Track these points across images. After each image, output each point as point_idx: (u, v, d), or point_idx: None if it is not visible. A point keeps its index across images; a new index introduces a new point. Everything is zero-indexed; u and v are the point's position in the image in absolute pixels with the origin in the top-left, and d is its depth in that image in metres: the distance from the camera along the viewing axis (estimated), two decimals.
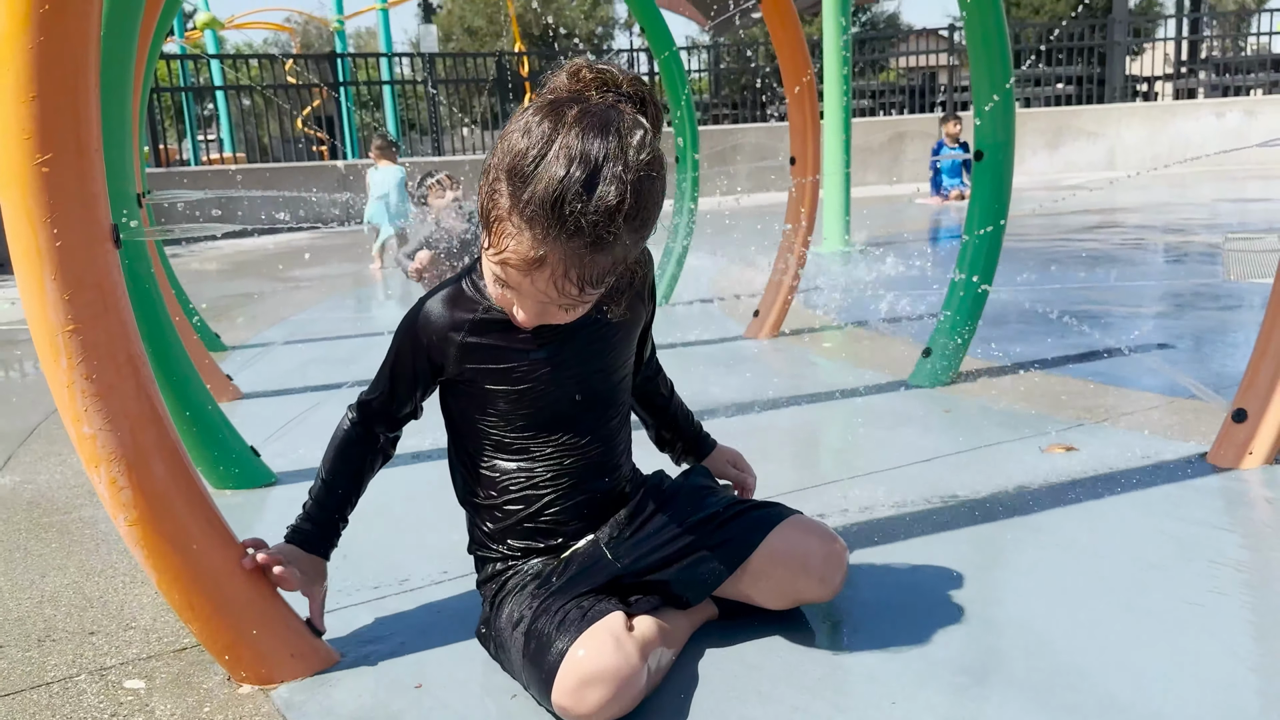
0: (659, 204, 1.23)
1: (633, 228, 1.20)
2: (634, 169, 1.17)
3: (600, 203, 1.15)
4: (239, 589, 1.43)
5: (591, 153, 1.16)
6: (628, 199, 1.16)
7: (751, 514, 1.53)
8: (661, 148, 1.23)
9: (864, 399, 2.95)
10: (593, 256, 1.19)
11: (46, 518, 2.27)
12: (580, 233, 1.16)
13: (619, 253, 1.21)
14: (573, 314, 1.32)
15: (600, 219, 1.15)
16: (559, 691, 1.29)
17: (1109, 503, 2.04)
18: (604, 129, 1.17)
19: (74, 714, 1.43)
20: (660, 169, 1.22)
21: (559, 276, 1.21)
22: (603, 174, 1.15)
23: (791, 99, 3.59)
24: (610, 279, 1.26)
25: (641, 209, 1.19)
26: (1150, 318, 4.11)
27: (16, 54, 1.22)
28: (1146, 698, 1.33)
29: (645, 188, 1.19)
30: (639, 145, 1.18)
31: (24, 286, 1.30)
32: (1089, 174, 13.00)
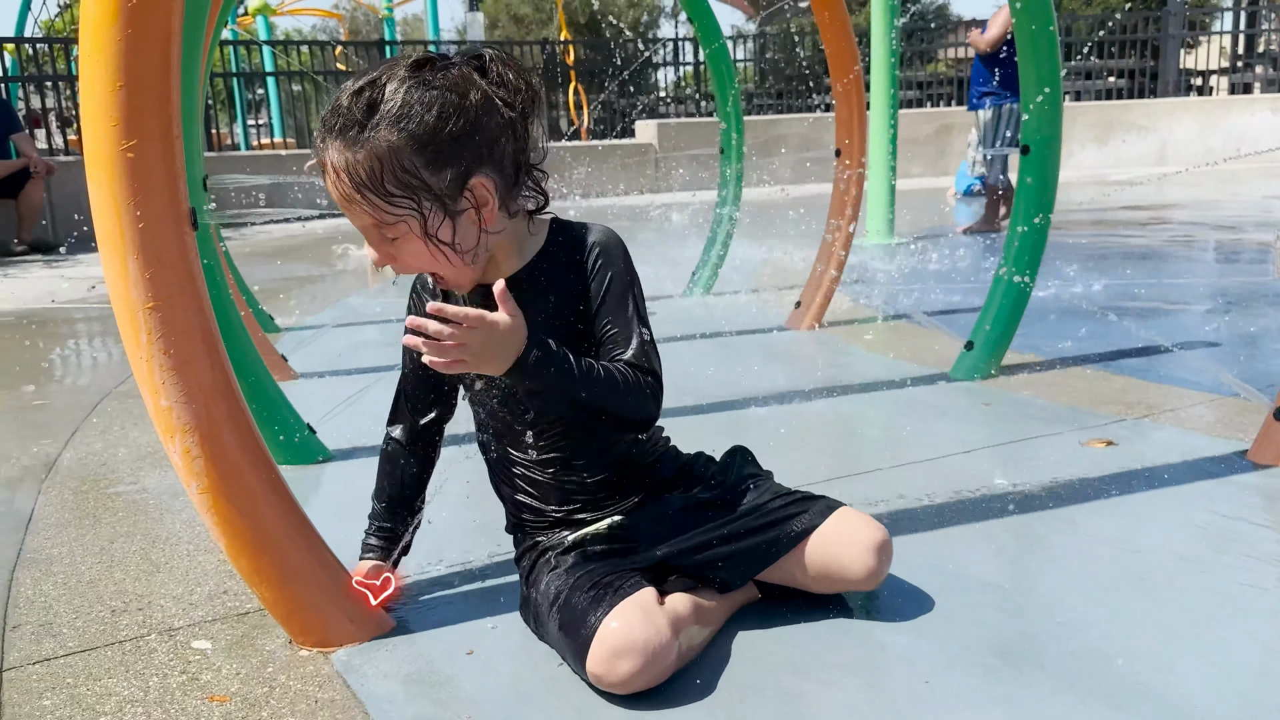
0: (434, 110, 1.32)
1: (386, 121, 1.31)
2: (399, 73, 1.33)
3: (348, 97, 1.33)
4: (303, 556, 1.51)
5: (372, 71, 1.36)
6: (374, 94, 1.32)
7: (799, 504, 1.58)
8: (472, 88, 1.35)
9: (904, 391, 2.98)
10: (352, 153, 1.32)
11: (112, 488, 2.37)
12: (334, 130, 1.33)
13: (378, 146, 1.31)
14: (403, 244, 1.39)
15: (348, 111, 1.32)
16: (592, 661, 1.36)
17: (1145, 497, 2.07)
18: (391, 64, 1.36)
19: (146, 670, 1.52)
20: (440, 85, 1.33)
21: (336, 182, 1.35)
22: (361, 80, 1.34)
23: (838, 92, 3.61)
24: (394, 181, 1.33)
25: (395, 103, 1.31)
26: (1197, 315, 4.08)
27: (105, 45, 1.30)
28: (1175, 685, 1.36)
29: (404, 90, 1.32)
30: (412, 63, 1.34)
31: (107, 265, 1.38)
32: (1139, 169, 12.80)
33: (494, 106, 1.36)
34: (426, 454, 1.72)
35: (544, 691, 1.42)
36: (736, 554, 1.54)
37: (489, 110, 1.36)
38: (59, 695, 1.46)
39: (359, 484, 2.33)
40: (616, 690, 1.36)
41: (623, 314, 1.50)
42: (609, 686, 1.36)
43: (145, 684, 1.48)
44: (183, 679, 1.49)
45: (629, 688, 1.35)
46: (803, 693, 1.39)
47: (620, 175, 11.92)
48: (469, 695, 1.41)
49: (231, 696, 1.44)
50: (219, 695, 1.44)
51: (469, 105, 1.33)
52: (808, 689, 1.40)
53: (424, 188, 1.34)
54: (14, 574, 1.90)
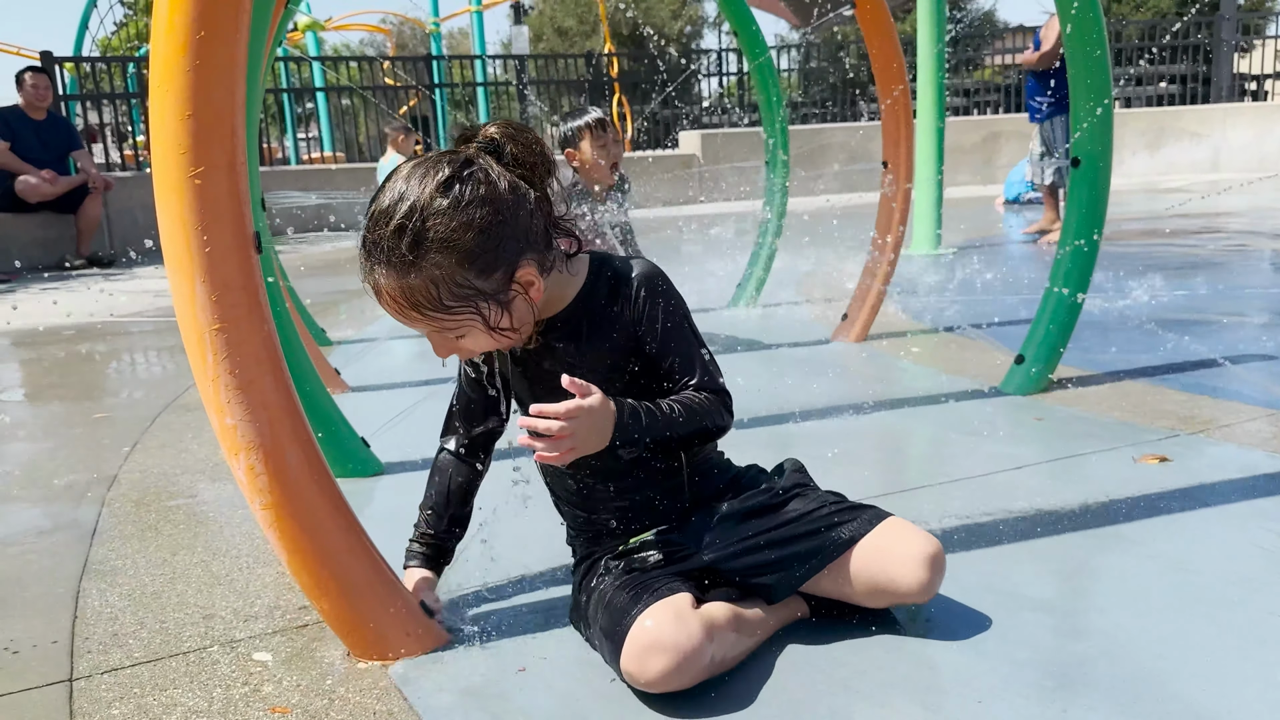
0: (473, 227, 1.37)
1: (432, 249, 1.35)
2: (427, 196, 1.36)
3: (390, 231, 1.35)
4: (362, 571, 1.55)
5: (395, 190, 1.38)
6: (415, 223, 1.34)
7: (847, 514, 1.58)
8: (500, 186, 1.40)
9: (954, 405, 2.96)
10: (404, 280, 1.37)
11: (172, 501, 2.44)
12: (382, 262, 1.37)
13: (431, 273, 1.36)
14: (469, 340, 1.46)
15: (393, 244, 1.35)
16: (625, 658, 1.41)
17: (1201, 515, 2.04)
18: (420, 169, 1.39)
19: (210, 681, 1.56)
20: (469, 200, 1.37)
21: (393, 306, 1.41)
22: (397, 208, 1.36)
23: (885, 108, 3.60)
24: (450, 296, 1.38)
25: (437, 230, 1.35)
26: (1252, 327, 4.01)
27: (175, 76, 1.34)
28: (1231, 710, 1.35)
29: (440, 215, 1.35)
30: (439, 181, 1.36)
31: (175, 288, 1.42)
32: (1191, 176, 12.59)
33: (520, 196, 1.42)
34: (476, 465, 1.76)
35: (598, 707, 1.43)
36: (780, 560, 1.56)
37: (518, 203, 1.42)
38: (127, 705, 1.50)
39: (412, 497, 2.36)
40: (649, 689, 1.40)
41: (683, 343, 1.56)
42: (641, 685, 1.41)
43: (209, 695, 1.52)
44: (245, 690, 1.53)
45: (660, 687, 1.39)
46: (852, 711, 1.39)
47: (664, 186, 11.96)
48: (524, 709, 1.43)
49: (292, 708, 1.47)
50: (280, 707, 1.48)
51: (504, 209, 1.39)
52: (857, 707, 1.40)
53: (479, 294, 1.40)
54: (81, 585, 1.96)
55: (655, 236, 7.40)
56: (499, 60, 15.73)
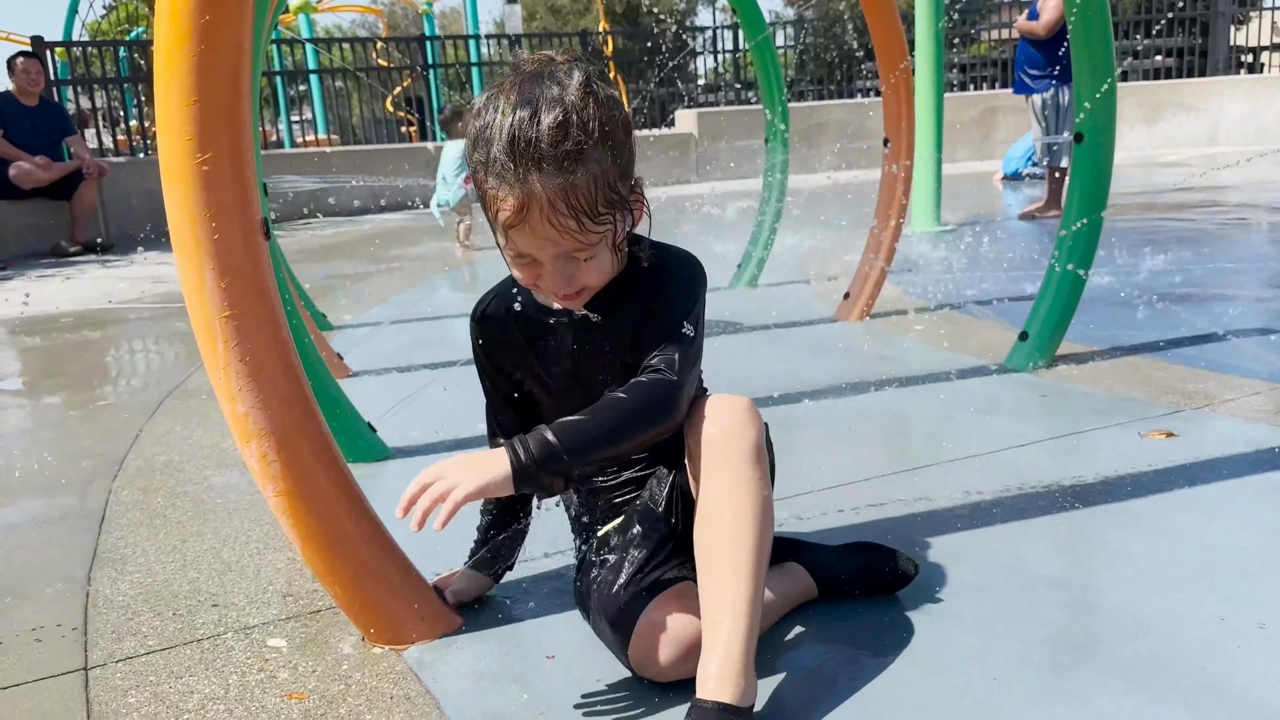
0: (619, 124, 1.32)
1: (594, 142, 1.28)
2: (573, 93, 1.29)
3: (549, 127, 1.26)
4: (375, 556, 1.55)
5: (530, 95, 1.29)
6: (574, 116, 1.27)
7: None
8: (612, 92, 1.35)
9: (959, 382, 2.96)
10: (568, 180, 1.27)
11: (180, 487, 2.43)
12: (543, 161, 1.27)
13: (593, 169, 1.29)
14: (594, 262, 1.36)
15: (555, 139, 1.26)
16: (633, 651, 1.40)
17: (1209, 489, 2.04)
18: (537, 79, 1.31)
19: (226, 668, 1.56)
20: (606, 98, 1.32)
21: (551, 214, 1.28)
22: (543, 106, 1.27)
23: (887, 86, 3.58)
24: (604, 200, 1.31)
25: (594, 122, 1.29)
26: (1252, 301, 4.01)
27: (180, 61, 1.33)
28: (1252, 685, 1.35)
29: (592, 108, 1.29)
30: (578, 81, 1.30)
31: (184, 276, 1.42)
32: (1189, 150, 12.55)
33: (623, 109, 1.38)
34: None
35: (613, 690, 1.44)
36: None
37: (626, 115, 1.38)
38: (143, 693, 1.50)
39: None
40: (658, 679, 1.40)
41: (674, 326, 1.40)
42: (650, 676, 1.41)
43: (225, 682, 1.52)
44: (261, 676, 1.53)
45: (669, 676, 1.39)
46: (868, 689, 1.40)
47: (661, 165, 11.90)
48: (540, 692, 1.44)
49: (309, 694, 1.47)
50: (297, 693, 1.48)
51: (627, 113, 1.37)
52: (868, 686, 1.41)
53: (621, 199, 1.35)
54: (91, 573, 1.96)
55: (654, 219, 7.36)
56: (492, 40, 15.62)
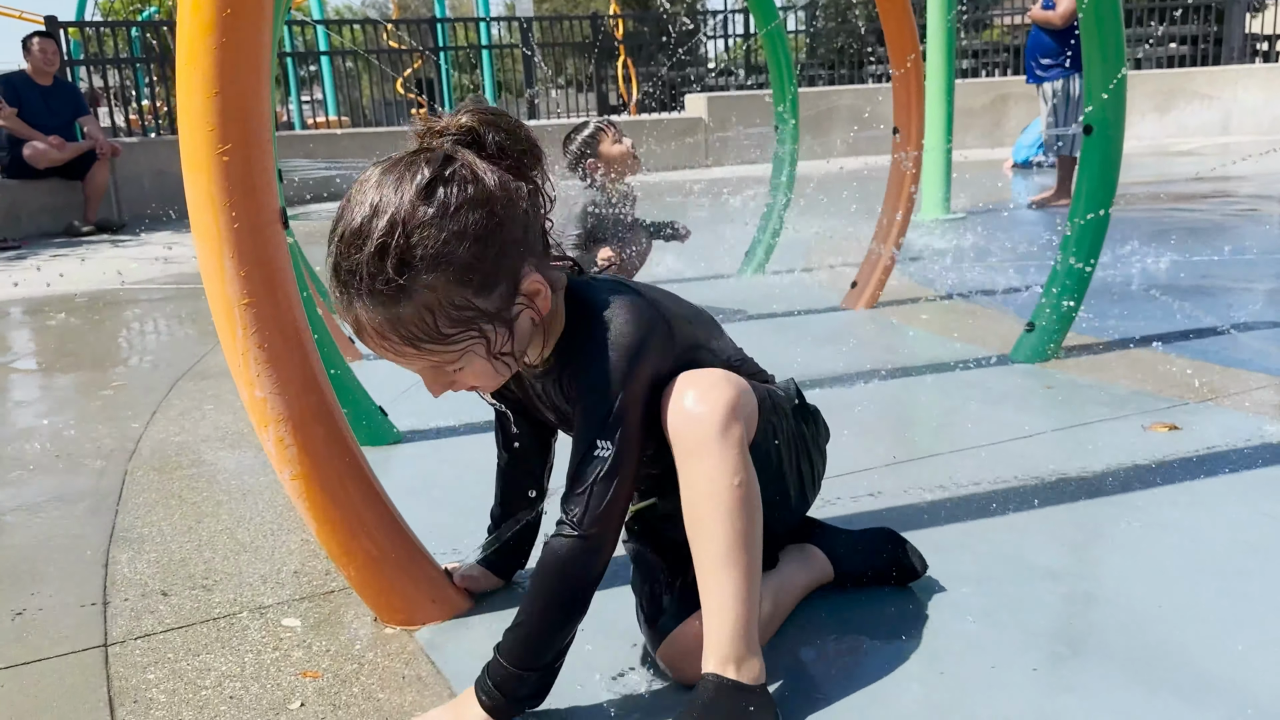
0: (469, 235, 1.17)
1: (420, 270, 1.15)
2: (406, 208, 1.15)
3: (370, 255, 1.15)
4: (389, 540, 1.58)
5: (363, 205, 1.17)
6: (400, 241, 1.14)
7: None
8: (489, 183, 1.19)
9: (964, 373, 2.99)
10: (391, 313, 1.17)
11: (195, 468, 2.47)
12: (365, 294, 1.16)
13: (424, 298, 1.16)
14: (468, 370, 1.26)
15: (374, 271, 1.15)
16: (663, 656, 1.42)
17: (1210, 484, 2.07)
18: (384, 179, 1.18)
19: (241, 646, 1.60)
20: (457, 205, 1.16)
21: (383, 342, 1.20)
22: (371, 226, 1.15)
23: (897, 77, 3.59)
24: (448, 323, 1.19)
25: (425, 247, 1.15)
26: (1260, 294, 4.02)
27: (202, 53, 1.35)
28: (1248, 679, 1.38)
29: (426, 227, 1.15)
30: (418, 188, 1.16)
31: (204, 264, 1.45)
32: (1201, 139, 12.49)
33: (514, 193, 1.22)
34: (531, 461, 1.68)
35: (622, 674, 1.47)
36: None
37: (512, 201, 1.21)
38: (162, 670, 1.54)
39: (429, 465, 2.42)
40: (685, 683, 1.40)
41: (588, 445, 1.26)
42: (679, 679, 1.41)
43: (241, 660, 1.56)
44: (276, 655, 1.57)
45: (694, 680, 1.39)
46: (864, 676, 1.43)
47: (670, 151, 11.89)
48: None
49: (323, 672, 1.51)
50: (311, 671, 1.52)
51: (499, 210, 1.19)
52: (870, 672, 1.44)
53: (480, 315, 1.21)
54: (109, 552, 2.00)
55: (661, 203, 7.39)
56: (503, 22, 15.59)
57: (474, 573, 1.71)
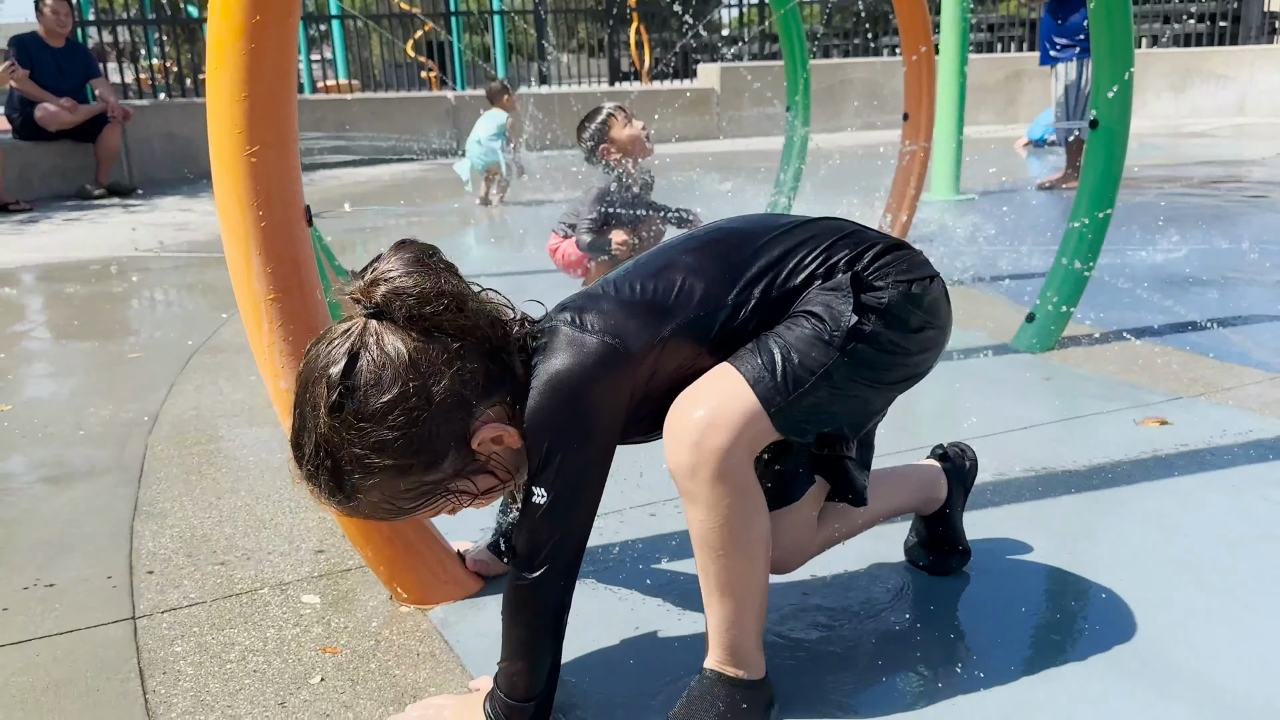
0: (392, 434, 1.17)
1: (357, 483, 1.19)
2: (323, 425, 1.17)
3: (309, 468, 1.21)
4: (406, 523, 1.65)
5: (297, 419, 1.22)
6: (327, 462, 1.19)
7: None
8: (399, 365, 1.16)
9: (965, 362, 3.05)
10: (347, 508, 1.25)
11: (213, 444, 2.55)
12: (320, 493, 1.23)
13: (370, 496, 1.22)
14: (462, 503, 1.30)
15: (315, 483, 1.22)
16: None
17: (1197, 479, 2.13)
18: (307, 384, 1.20)
19: (263, 621, 1.68)
20: (380, 404, 1.16)
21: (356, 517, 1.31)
22: (303, 445, 1.20)
23: (909, 67, 3.62)
24: (409, 500, 1.24)
25: (353, 464, 1.18)
26: (1264, 286, 4.05)
27: (231, 59, 1.41)
28: (1214, 670, 1.45)
29: (353, 449, 1.17)
30: (329, 407, 1.16)
31: (232, 260, 1.51)
32: (1216, 120, 12.43)
33: (434, 360, 1.18)
34: None
35: (628, 654, 1.55)
36: None
37: (432, 372, 1.17)
38: (188, 643, 1.63)
39: None
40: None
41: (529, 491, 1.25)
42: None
43: (263, 635, 1.64)
44: (296, 631, 1.65)
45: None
46: (852, 662, 1.51)
47: (683, 122, 11.88)
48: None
49: (341, 648, 1.59)
50: (330, 647, 1.60)
51: (416, 390, 1.16)
52: (857, 659, 1.51)
53: (437, 485, 1.24)
54: (134, 526, 2.08)
55: (672, 178, 7.41)
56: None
57: (484, 556, 1.78)
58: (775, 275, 1.32)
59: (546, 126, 9.77)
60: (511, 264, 5.08)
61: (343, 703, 1.46)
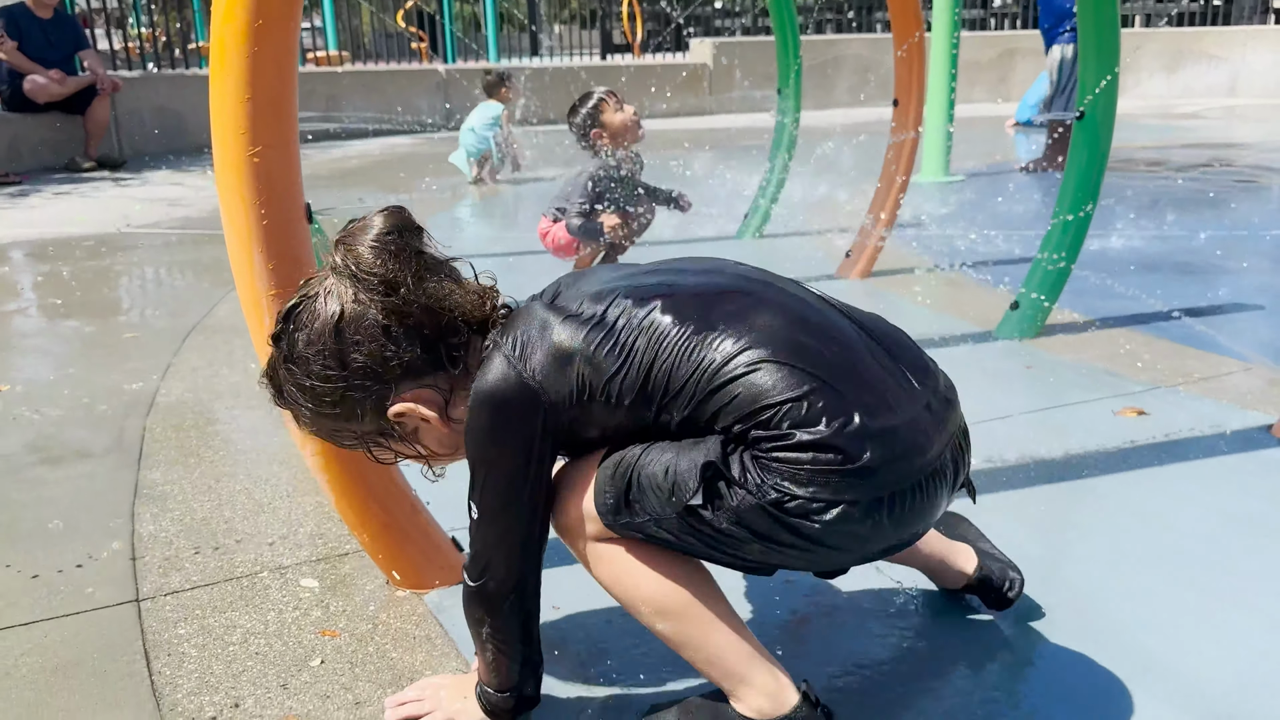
0: (309, 389, 1.27)
1: (294, 400, 1.31)
2: (275, 356, 1.30)
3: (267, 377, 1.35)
4: (402, 510, 1.71)
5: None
6: (272, 378, 1.32)
7: None
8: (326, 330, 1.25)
9: (948, 350, 3.10)
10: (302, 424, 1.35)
11: (211, 427, 2.59)
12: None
13: (305, 420, 1.33)
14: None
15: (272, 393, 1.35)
16: None
17: (1171, 470, 2.20)
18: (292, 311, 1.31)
19: (264, 605, 1.74)
20: (299, 359, 1.27)
21: None
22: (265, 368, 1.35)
23: (900, 58, 3.65)
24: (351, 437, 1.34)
25: (288, 387, 1.30)
26: (1247, 274, 4.12)
27: (235, 62, 1.44)
28: (1183, 661, 1.52)
29: (285, 373, 1.29)
30: (272, 340, 1.31)
31: (234, 258, 1.55)
32: (1208, 100, 12.47)
33: (365, 326, 1.24)
34: None
35: (621, 640, 1.61)
36: None
37: (360, 337, 1.24)
38: (191, 625, 1.68)
39: None
40: None
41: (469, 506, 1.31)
42: None
43: (264, 618, 1.70)
44: (296, 614, 1.71)
45: None
46: (831, 648, 1.57)
47: (675, 96, 11.86)
48: (550, 640, 1.59)
49: (340, 632, 1.65)
50: (329, 630, 1.65)
51: (341, 351, 1.25)
52: (841, 647, 1.57)
53: (363, 436, 1.33)
54: (134, 509, 2.12)
55: (663, 155, 7.42)
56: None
57: None
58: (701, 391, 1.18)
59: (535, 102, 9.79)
60: (501, 244, 5.11)
61: (342, 684, 1.52)
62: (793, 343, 1.18)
